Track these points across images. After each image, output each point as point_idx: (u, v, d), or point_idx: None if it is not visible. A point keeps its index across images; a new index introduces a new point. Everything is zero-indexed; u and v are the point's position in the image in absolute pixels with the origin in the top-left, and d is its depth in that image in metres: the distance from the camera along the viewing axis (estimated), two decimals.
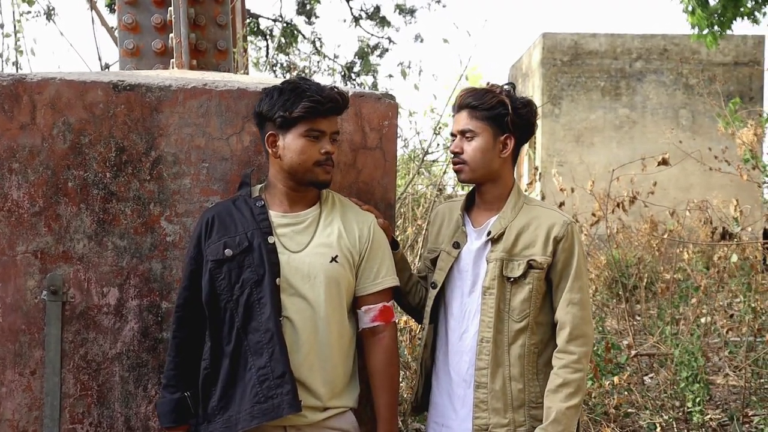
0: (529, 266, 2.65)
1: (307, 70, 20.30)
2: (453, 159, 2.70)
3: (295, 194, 2.62)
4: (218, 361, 2.55)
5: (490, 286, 2.67)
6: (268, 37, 19.89)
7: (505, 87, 2.73)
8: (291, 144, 2.54)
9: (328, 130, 2.56)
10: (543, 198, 11.27)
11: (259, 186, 2.70)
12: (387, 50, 20.87)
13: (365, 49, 20.69)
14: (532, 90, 15.45)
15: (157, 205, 2.84)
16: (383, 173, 2.97)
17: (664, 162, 6.29)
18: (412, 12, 20.48)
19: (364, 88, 20.22)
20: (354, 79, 20.26)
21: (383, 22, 20.42)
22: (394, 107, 2.98)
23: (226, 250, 2.55)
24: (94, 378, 2.82)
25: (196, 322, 2.59)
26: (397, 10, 20.50)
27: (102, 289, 2.82)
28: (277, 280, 2.53)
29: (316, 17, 20.26)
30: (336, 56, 21.20)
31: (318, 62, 20.28)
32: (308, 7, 20.18)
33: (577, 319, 2.63)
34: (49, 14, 10.19)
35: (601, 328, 6.98)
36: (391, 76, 19.77)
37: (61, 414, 2.80)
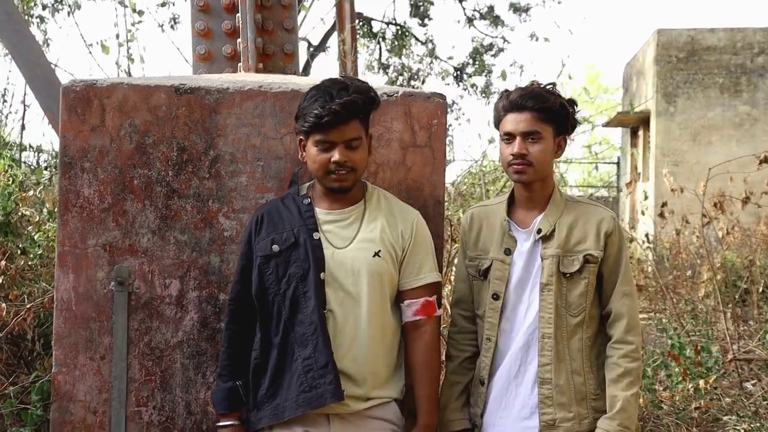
0: (585, 261, 2.70)
1: (420, 73, 20.46)
2: (516, 161, 2.68)
3: (333, 194, 2.70)
4: (267, 352, 2.67)
5: (548, 282, 2.69)
6: (380, 40, 20.12)
7: (549, 86, 2.76)
8: (309, 151, 2.64)
9: (339, 140, 2.60)
10: (645, 198, 10.97)
11: (308, 184, 2.80)
12: (501, 50, 20.74)
13: (479, 50, 20.63)
14: (646, 88, 15.05)
15: (216, 202, 3.00)
16: (432, 171, 3.03)
17: (766, 160, 6.05)
18: (526, 10, 20.28)
19: (476, 89, 20.20)
20: (466, 81, 20.26)
21: (497, 21, 20.29)
22: (443, 106, 3.03)
23: (273, 246, 2.67)
24: (157, 364, 3.00)
25: (247, 315, 2.72)
26: (512, 9, 20.32)
27: (164, 281, 2.99)
28: (322, 274, 2.63)
29: (430, 19, 20.33)
30: (450, 57, 21.19)
31: (430, 64, 20.45)
32: (421, 8, 20.29)
33: (632, 310, 2.70)
34: (162, 25, 10.71)
35: (710, 332, 6.79)
36: (503, 76, 19.58)
37: (127, 397, 2.99)
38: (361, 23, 19.90)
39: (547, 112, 2.69)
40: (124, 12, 7.59)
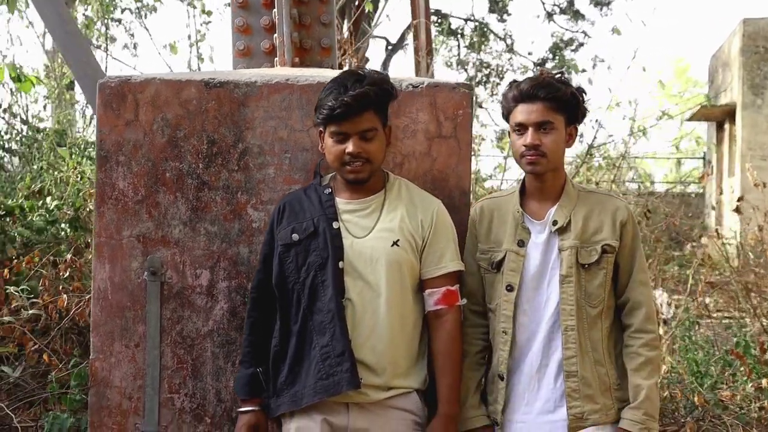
0: (603, 251, 2.69)
1: (499, 69, 20.29)
2: (529, 152, 2.67)
3: (352, 184, 2.72)
4: (286, 340, 2.71)
5: (568, 274, 2.68)
6: (459, 36, 20.04)
7: (559, 76, 2.75)
8: (326, 142, 2.69)
9: (353, 131, 2.62)
10: (721, 193, 10.61)
11: (331, 175, 2.83)
12: (582, 44, 20.41)
13: (559, 45, 20.34)
14: (731, 79, 14.55)
15: (244, 194, 3.05)
16: (458, 161, 3.01)
17: None
18: (607, 3, 19.89)
19: None
20: None
21: (577, 15, 19.97)
22: (468, 96, 3.02)
23: (293, 235, 2.71)
24: (188, 353, 3.07)
25: (268, 303, 2.76)
26: (592, 3, 19.96)
27: (195, 271, 3.06)
28: (340, 263, 2.65)
29: (508, 14, 20.17)
30: (530, 53, 20.92)
31: (509, 60, 20.25)
32: (500, 4, 20.13)
33: (649, 299, 2.72)
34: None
35: None
36: (583, 70, 19.25)
37: (160, 384, 3.07)
38: (439, 20, 19.87)
39: (559, 102, 2.67)
40: (194, 13, 7.79)
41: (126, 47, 11.04)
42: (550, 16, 20.26)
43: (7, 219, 5.64)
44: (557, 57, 20.07)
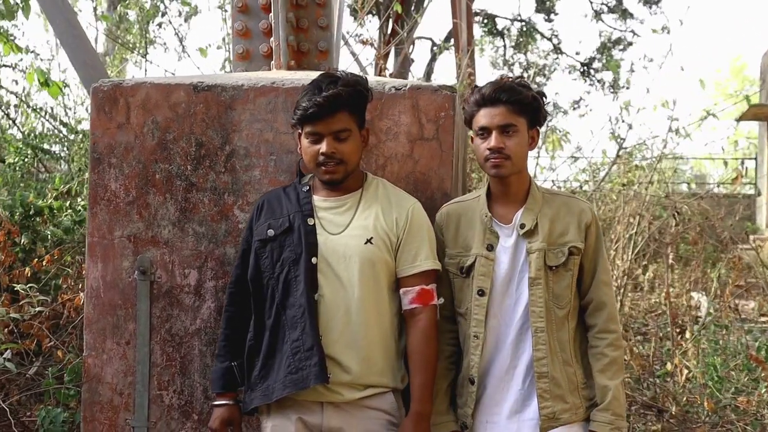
0: (570, 253, 2.72)
1: (545, 69, 20.11)
2: (493, 155, 2.68)
3: (327, 184, 2.76)
4: (260, 334, 2.76)
5: (537, 276, 2.69)
6: (505, 36, 19.93)
7: (518, 80, 2.77)
8: (302, 143, 2.73)
9: (326, 131, 2.66)
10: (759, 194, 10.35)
11: (311, 174, 2.87)
12: (630, 44, 20.12)
13: (607, 44, 20.09)
14: None
15: (231, 195, 3.11)
16: (440, 163, 3.03)
17: None
18: (656, 2, 19.56)
19: (603, 84, 19.65)
20: (593, 75, 19.76)
21: (625, 14, 19.70)
22: (451, 99, 3.02)
23: (269, 231, 2.75)
24: (177, 350, 3.14)
25: (245, 298, 2.81)
26: (641, 1, 19.66)
27: (184, 271, 3.13)
28: (313, 259, 2.69)
29: (555, 14, 20.00)
30: (577, 53, 20.72)
31: (556, 59, 20.07)
32: (547, 4, 19.96)
33: (612, 299, 2.76)
34: None
35: None
36: (632, 70, 18.98)
37: (150, 381, 3.14)
38: (484, 20, 19.79)
39: (521, 105, 2.69)
40: (226, 16, 7.90)
41: (166, 50, 11.27)
42: (597, 15, 20.02)
43: (38, 219, 5.79)
44: (605, 56, 19.82)
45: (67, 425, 3.36)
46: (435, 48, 18.95)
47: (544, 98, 2.79)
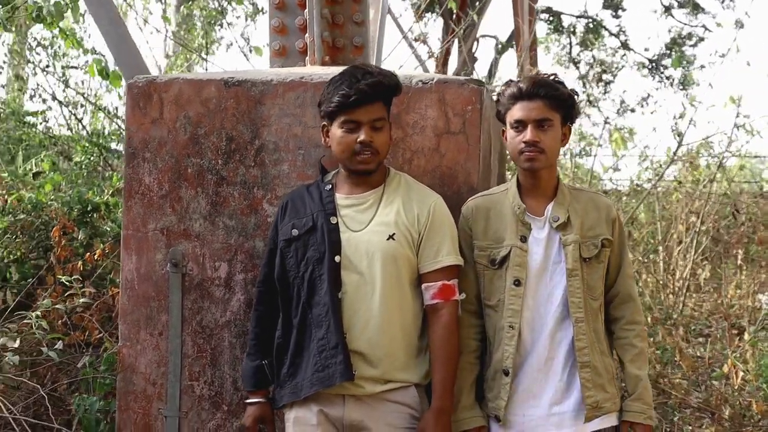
0: (602, 245, 2.76)
1: (613, 66, 19.76)
2: (528, 148, 2.69)
3: (355, 178, 2.76)
4: (288, 333, 2.78)
5: (574, 267, 2.71)
6: (571, 33, 19.65)
7: (554, 76, 2.78)
8: (334, 134, 2.71)
9: (365, 120, 2.66)
10: None
11: (334, 171, 2.88)
12: (702, 39, 19.61)
13: (677, 40, 19.62)
14: None
15: (260, 189, 3.14)
16: (466, 157, 3.01)
17: None
18: None
19: (672, 81, 19.22)
20: (662, 72, 19.34)
21: (696, 9, 19.20)
22: (478, 92, 3.00)
23: (293, 230, 2.77)
24: (207, 342, 3.19)
25: (273, 297, 2.84)
26: None
27: (214, 264, 3.18)
28: (337, 257, 2.69)
29: (623, 10, 19.61)
30: (646, 49, 20.29)
31: (623, 56, 19.69)
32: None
33: (636, 292, 2.85)
34: None
35: None
36: (702, 66, 18.51)
37: (181, 371, 3.20)
38: (550, 18, 19.56)
39: (557, 101, 2.72)
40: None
41: (228, 49, 11.48)
42: (667, 10, 19.57)
43: (95, 215, 5.95)
44: (675, 53, 19.37)
45: (102, 414, 3.45)
46: (499, 46, 18.82)
47: (577, 96, 2.82)
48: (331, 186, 2.81)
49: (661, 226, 8.83)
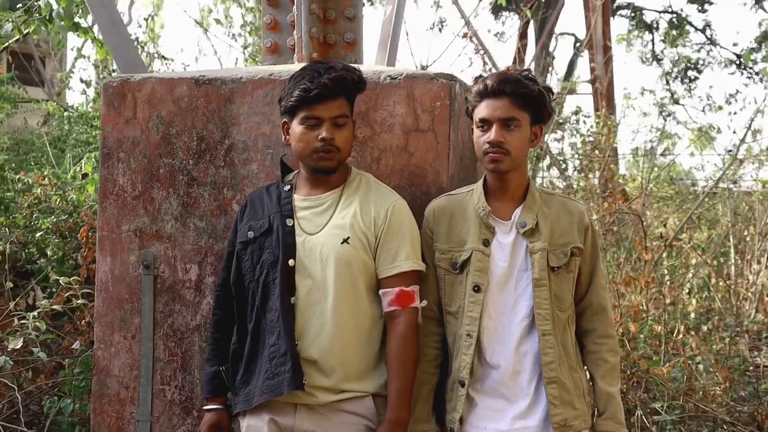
0: (572, 254, 2.58)
1: (698, 62, 19.02)
2: (492, 149, 2.52)
3: (315, 178, 2.64)
4: (243, 339, 2.69)
5: (540, 277, 2.55)
6: (654, 29, 19.02)
7: (525, 72, 2.59)
8: (294, 131, 2.59)
9: (326, 116, 2.54)
10: None
11: (294, 172, 2.76)
12: None
13: None
14: None
15: (230, 190, 3.06)
16: (435, 156, 2.85)
17: None
18: None
19: (761, 77, 18.35)
20: (751, 68, 18.51)
21: None
22: (447, 87, 2.84)
23: (249, 233, 2.67)
24: (179, 346, 3.12)
25: (232, 301, 2.74)
26: None
27: (185, 266, 3.11)
28: (291, 261, 2.58)
29: (710, 4, 18.85)
30: (734, 44, 19.49)
31: (709, 52, 18.94)
32: None
33: (610, 304, 2.69)
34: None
35: None
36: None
37: (153, 375, 3.14)
38: (632, 14, 18.99)
39: (525, 99, 2.52)
40: None
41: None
42: (758, 2, 18.71)
43: None
44: (766, 47, 18.51)
45: (77, 416, 3.42)
46: (578, 45, 18.36)
47: (551, 94, 2.62)
48: (290, 187, 2.70)
49: (734, 230, 8.42)
